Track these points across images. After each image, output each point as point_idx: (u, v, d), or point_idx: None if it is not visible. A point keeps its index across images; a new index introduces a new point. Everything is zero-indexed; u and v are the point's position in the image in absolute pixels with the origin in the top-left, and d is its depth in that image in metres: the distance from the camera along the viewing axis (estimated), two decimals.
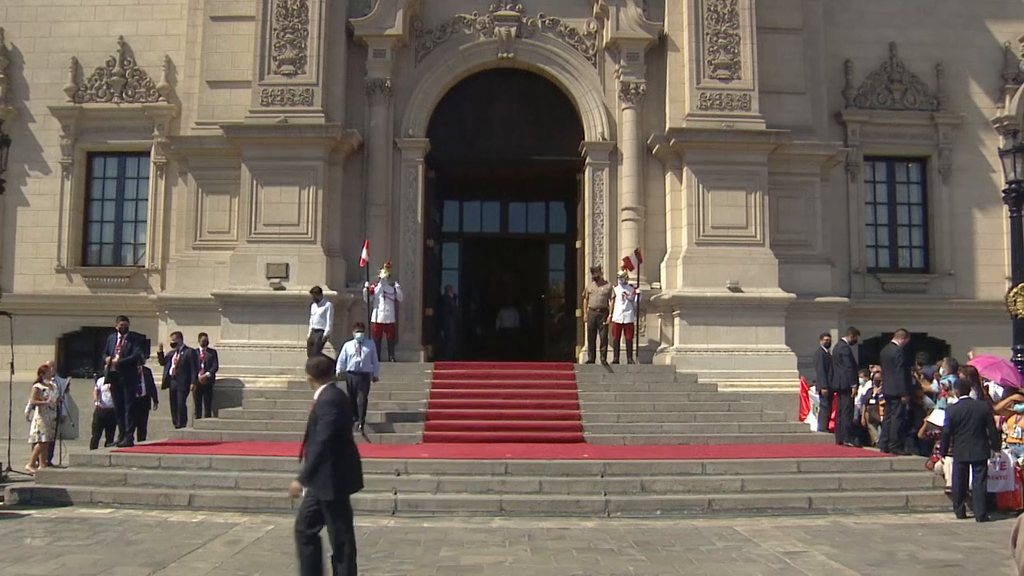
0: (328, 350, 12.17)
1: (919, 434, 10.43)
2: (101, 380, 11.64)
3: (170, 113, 15.42)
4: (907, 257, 16.06)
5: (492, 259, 19.40)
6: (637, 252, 13.75)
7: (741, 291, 13.51)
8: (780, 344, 13.40)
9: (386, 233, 14.27)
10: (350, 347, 10.90)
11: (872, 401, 11.87)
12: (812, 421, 12.38)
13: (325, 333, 12.38)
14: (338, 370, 10.49)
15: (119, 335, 10.99)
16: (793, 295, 13.60)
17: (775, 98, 14.29)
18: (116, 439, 11.18)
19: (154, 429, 12.07)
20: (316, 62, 13.75)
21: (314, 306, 12.51)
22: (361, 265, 13.42)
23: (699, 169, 13.83)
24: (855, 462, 9.82)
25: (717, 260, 13.61)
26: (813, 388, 12.46)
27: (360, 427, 10.33)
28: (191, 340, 12.71)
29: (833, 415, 11.93)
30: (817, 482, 9.21)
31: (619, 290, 13.32)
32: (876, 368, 11.85)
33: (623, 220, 14.41)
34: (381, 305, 13.26)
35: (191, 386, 12.29)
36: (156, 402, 11.98)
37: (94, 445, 11.72)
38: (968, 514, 8.36)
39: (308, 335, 12.54)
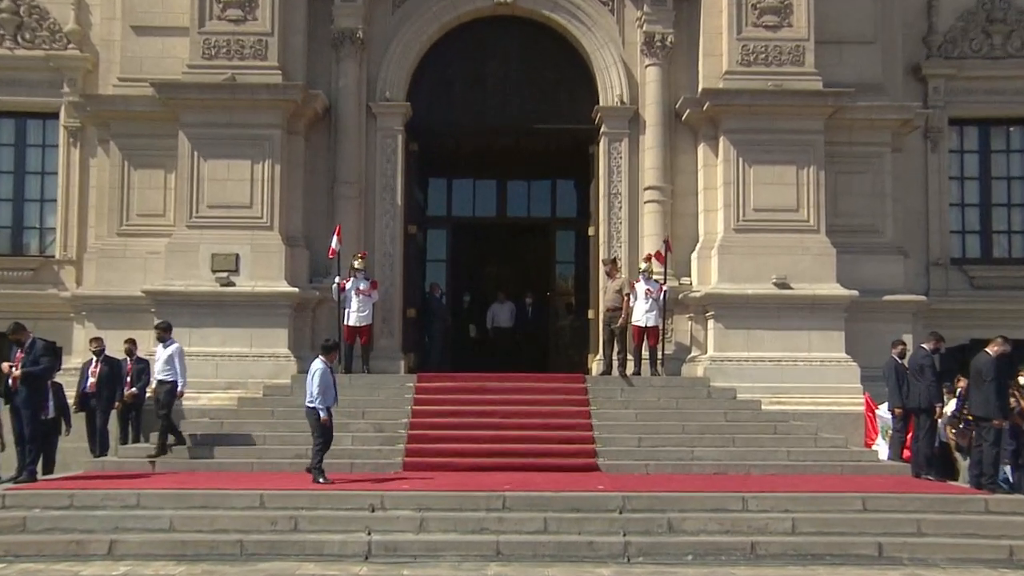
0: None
1: None
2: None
3: (84, 65, 15.04)
4: (1004, 245, 15.80)
5: (487, 249, 19.44)
6: (666, 241, 13.72)
7: (790, 288, 13.40)
8: (839, 352, 13.32)
9: (358, 218, 14.24)
10: (309, 370, 10.67)
11: (962, 425, 11.63)
12: (881, 447, 12.35)
13: (179, 387, 11.61)
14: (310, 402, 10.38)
15: (17, 348, 10.61)
16: (855, 292, 13.47)
17: (835, 49, 14.14)
18: (14, 473, 10.61)
19: (66, 459, 11.90)
20: (270, 5, 13.59)
21: (159, 348, 11.80)
22: (330, 256, 13.42)
23: (739, 139, 13.71)
24: (939, 500, 9.71)
25: (760, 250, 13.53)
26: (883, 407, 12.41)
27: (314, 470, 10.21)
28: (115, 348, 12.54)
29: (909, 440, 11.87)
30: (889, 524, 9.11)
31: (641, 287, 13.33)
32: (963, 382, 11.75)
33: (646, 202, 14.35)
34: (354, 304, 13.32)
35: (115, 405, 12.16)
36: (69, 425, 11.75)
37: None
38: None
39: (152, 387, 11.81)
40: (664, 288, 13.48)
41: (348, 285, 13.37)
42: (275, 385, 12.90)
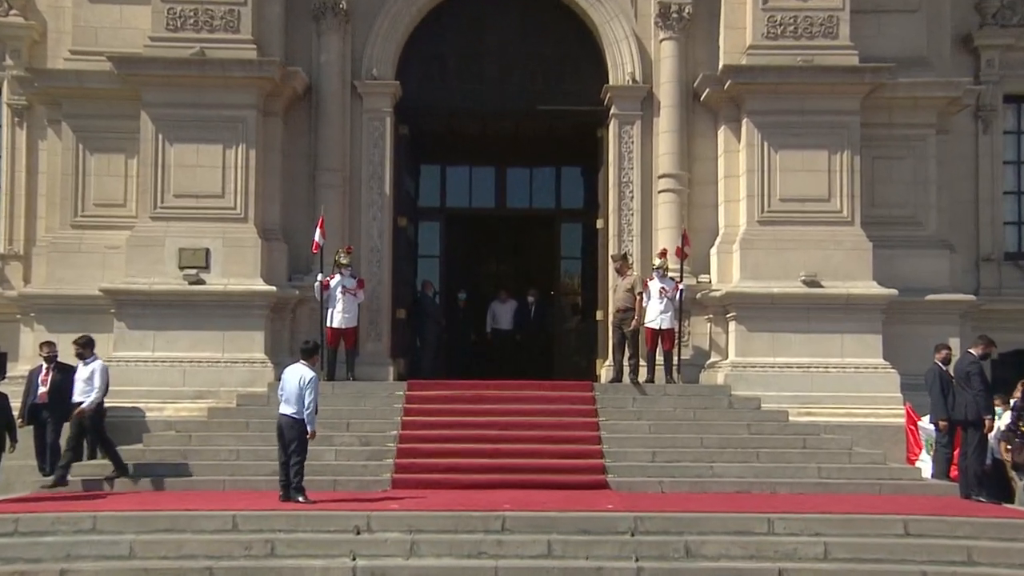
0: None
1: None
2: None
3: (29, 35, 14.88)
4: None
5: (484, 244, 19.62)
6: (684, 235, 13.67)
7: (820, 286, 13.36)
8: (876, 358, 13.28)
9: (343, 208, 14.23)
10: (288, 374, 10.52)
11: (1017, 440, 11.51)
12: (925, 464, 12.27)
13: (87, 403, 11.19)
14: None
15: None
16: (894, 291, 13.40)
17: (873, 19, 14.01)
18: None
19: (10, 478, 11.72)
20: None
21: (79, 366, 11.53)
22: (314, 251, 13.38)
23: (765, 121, 13.64)
24: (992, 525, 9.55)
25: (787, 244, 13.48)
26: (925, 419, 12.33)
27: (289, 489, 10.12)
28: (69, 353, 12.21)
29: (957, 457, 11.72)
30: (935, 551, 8.99)
31: (655, 285, 13.34)
32: (1019, 392, 11.68)
33: (660, 191, 14.34)
34: (339, 304, 13.32)
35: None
36: (14, 440, 11.38)
37: None
38: None
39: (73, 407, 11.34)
40: (680, 287, 13.43)
41: (332, 283, 13.34)
42: (250, 394, 12.82)
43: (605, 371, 14.17)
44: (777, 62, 13.49)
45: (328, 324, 13.30)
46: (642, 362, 13.37)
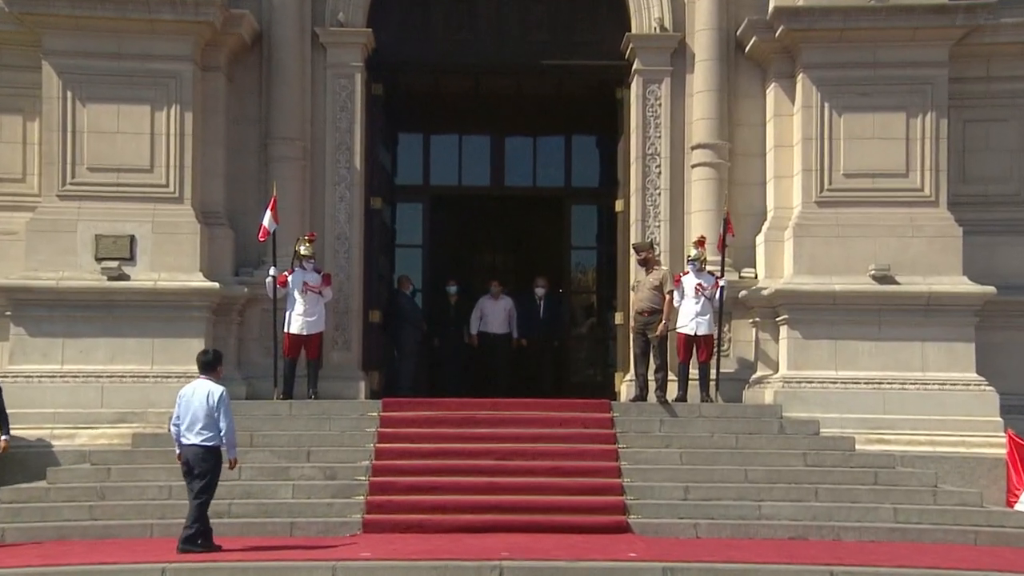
0: None
1: None
2: None
3: None
4: None
5: (478, 230, 19.69)
6: (726, 220, 13.48)
7: (895, 282, 13.27)
8: (967, 372, 13.19)
9: (302, 187, 14.19)
10: (188, 394, 10.28)
11: None
12: None
13: None
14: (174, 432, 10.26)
15: None
16: (991, 288, 13.26)
17: None
18: None
19: None
20: None
21: None
22: (261, 239, 13.30)
23: (826, 77, 13.56)
24: None
25: (853, 230, 13.41)
26: None
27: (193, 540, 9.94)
28: None
29: None
30: None
31: (689, 281, 13.23)
32: None
33: (694, 165, 14.24)
34: (299, 305, 13.29)
35: None
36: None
37: None
38: None
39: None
40: (721, 283, 13.35)
41: (290, 279, 13.25)
42: None
43: (626, 387, 14.12)
44: (842, 2, 13.43)
45: (286, 329, 13.24)
46: (672, 376, 13.37)
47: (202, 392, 9.96)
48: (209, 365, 10.25)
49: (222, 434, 9.91)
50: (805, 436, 12.52)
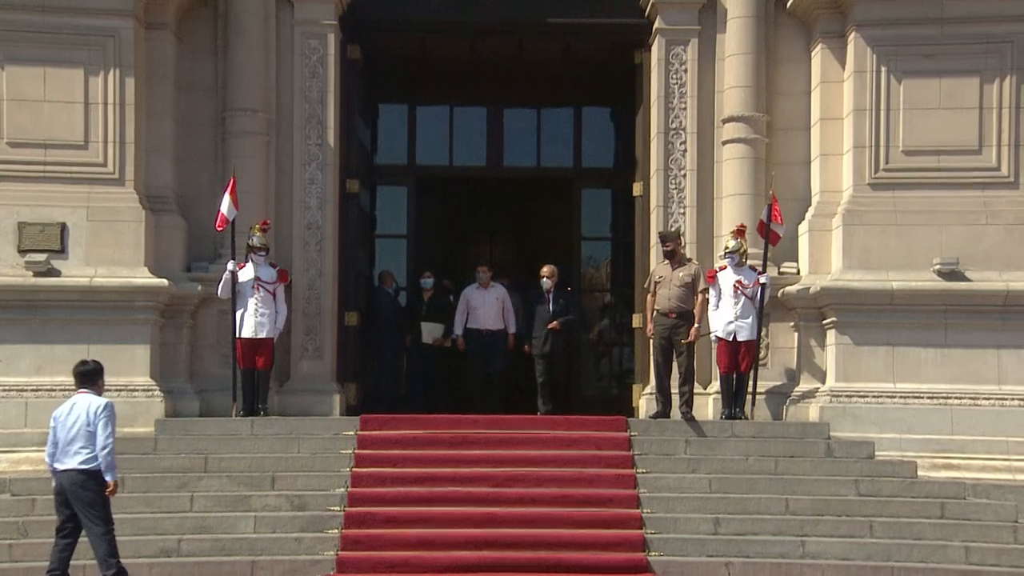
0: None
1: None
2: None
3: None
4: None
5: (472, 219, 19.81)
6: (770, 205, 13.39)
7: (965, 278, 13.22)
8: None
9: (265, 167, 14.12)
10: (63, 413, 10.02)
11: None
12: None
13: None
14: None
15: None
16: None
17: None
18: None
19: None
20: None
21: None
22: (219, 228, 13.30)
23: (884, 35, 13.50)
24: None
25: (915, 217, 13.39)
26: None
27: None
28: None
29: None
30: None
31: (727, 277, 13.24)
32: None
33: (726, 142, 14.20)
34: (250, 304, 13.27)
35: None
36: None
37: None
38: None
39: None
40: (763, 280, 13.32)
41: (242, 275, 13.28)
42: (128, 437, 12.37)
43: (645, 402, 14.06)
44: None
45: (237, 334, 13.22)
46: (699, 388, 13.40)
47: (81, 407, 9.71)
48: (89, 376, 10.00)
49: (99, 451, 9.58)
50: (857, 460, 12.45)
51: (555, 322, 14.92)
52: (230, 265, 13.08)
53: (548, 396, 14.72)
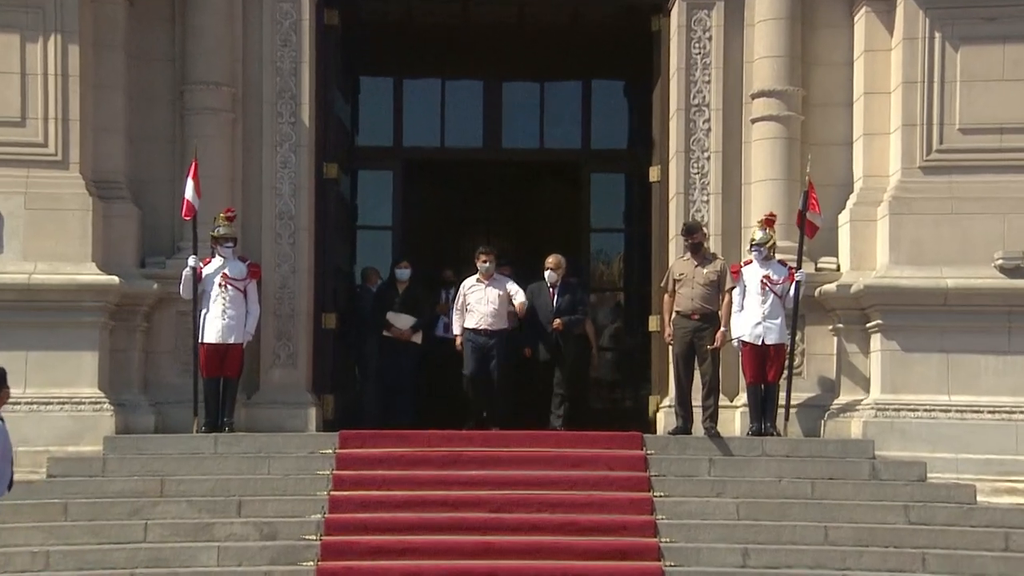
0: None
1: None
2: None
3: None
4: None
5: (467, 207, 20.11)
6: (807, 193, 13.35)
7: None
8: None
9: (231, 149, 14.18)
10: None
11: None
12: None
13: None
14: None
15: None
16: None
17: None
18: None
19: None
20: None
21: None
22: (185, 217, 13.36)
23: None
24: None
25: (972, 205, 13.32)
26: None
27: None
28: None
29: None
30: None
31: (754, 273, 13.24)
32: None
33: (755, 120, 14.23)
34: (215, 306, 13.33)
35: None
36: None
37: None
38: None
39: None
40: (798, 276, 13.25)
41: (206, 271, 13.26)
42: (72, 457, 12.61)
43: (664, 415, 14.08)
44: None
45: (201, 339, 13.22)
46: (726, 400, 13.48)
47: None
48: None
49: None
50: (907, 483, 12.39)
51: (558, 321, 14.70)
52: (191, 260, 13.03)
53: (561, 410, 14.38)
